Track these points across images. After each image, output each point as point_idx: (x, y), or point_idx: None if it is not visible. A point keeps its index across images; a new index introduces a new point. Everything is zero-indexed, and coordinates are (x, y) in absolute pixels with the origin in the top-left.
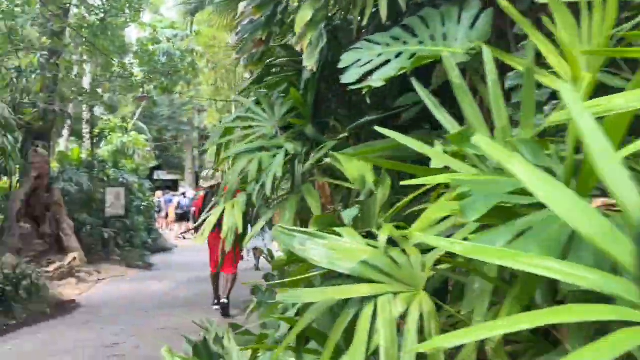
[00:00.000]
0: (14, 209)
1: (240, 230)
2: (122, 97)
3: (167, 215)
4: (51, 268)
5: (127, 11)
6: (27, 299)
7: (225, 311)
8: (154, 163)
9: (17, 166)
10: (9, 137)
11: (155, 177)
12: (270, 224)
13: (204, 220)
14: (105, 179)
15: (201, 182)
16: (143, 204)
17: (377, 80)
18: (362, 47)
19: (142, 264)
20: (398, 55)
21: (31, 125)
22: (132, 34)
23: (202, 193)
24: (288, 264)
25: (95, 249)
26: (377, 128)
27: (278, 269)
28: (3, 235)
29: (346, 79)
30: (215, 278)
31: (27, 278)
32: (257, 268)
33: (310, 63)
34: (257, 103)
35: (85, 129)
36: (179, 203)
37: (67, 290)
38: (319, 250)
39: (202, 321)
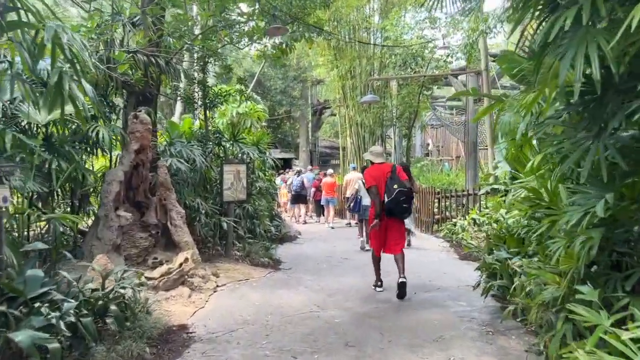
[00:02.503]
0: (110, 193)
1: None
2: (236, 65)
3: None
4: (156, 273)
5: None
6: (119, 332)
7: (402, 292)
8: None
9: (113, 135)
10: (88, 85)
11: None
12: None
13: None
14: (222, 154)
15: (370, 156)
16: (264, 184)
17: None
18: None
19: (268, 260)
20: None
21: (132, 84)
22: None
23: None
24: None
25: (211, 242)
26: None
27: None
28: (97, 227)
29: None
30: (378, 261)
31: (118, 298)
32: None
33: None
34: None
35: (195, 93)
36: (291, 183)
37: (177, 306)
38: None
39: None
